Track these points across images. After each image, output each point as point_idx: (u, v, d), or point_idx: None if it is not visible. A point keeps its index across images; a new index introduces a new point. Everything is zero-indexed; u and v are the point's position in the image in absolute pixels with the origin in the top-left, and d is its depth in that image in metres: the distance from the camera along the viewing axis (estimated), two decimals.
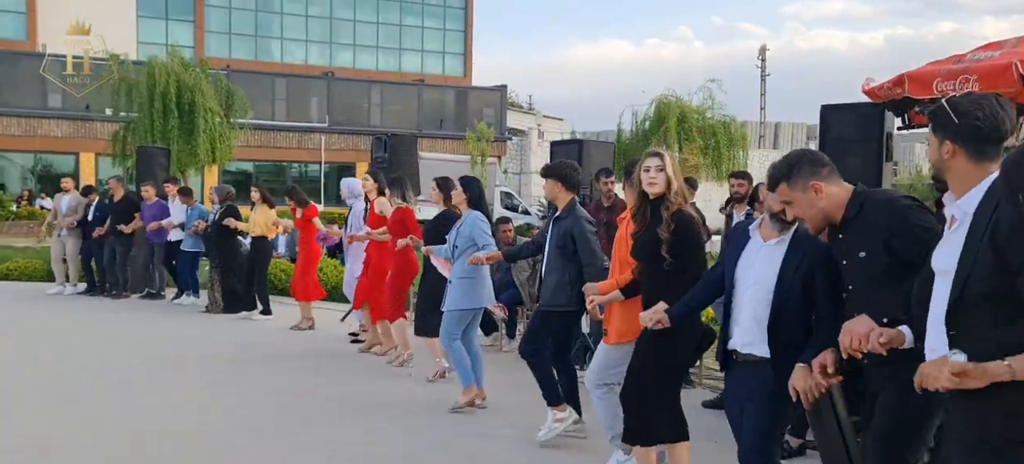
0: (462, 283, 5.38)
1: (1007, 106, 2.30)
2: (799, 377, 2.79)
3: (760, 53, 42.38)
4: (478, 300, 5.48)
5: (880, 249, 2.62)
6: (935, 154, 2.32)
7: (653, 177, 3.63)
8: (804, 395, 2.77)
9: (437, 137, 33.13)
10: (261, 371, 6.77)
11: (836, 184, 2.77)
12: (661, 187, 3.61)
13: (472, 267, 5.29)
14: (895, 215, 2.64)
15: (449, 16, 38.77)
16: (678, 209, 3.60)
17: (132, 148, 19.56)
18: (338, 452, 4.67)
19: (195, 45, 32.96)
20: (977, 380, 1.97)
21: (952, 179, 2.28)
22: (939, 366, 2.03)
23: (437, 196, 6.08)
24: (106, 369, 6.72)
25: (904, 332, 2.42)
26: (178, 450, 4.65)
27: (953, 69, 4.56)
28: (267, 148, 30.93)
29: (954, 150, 2.24)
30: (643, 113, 26.30)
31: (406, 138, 10.12)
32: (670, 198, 3.60)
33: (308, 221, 8.65)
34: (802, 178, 2.77)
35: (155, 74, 20.40)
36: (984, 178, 2.22)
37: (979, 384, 1.98)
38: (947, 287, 2.15)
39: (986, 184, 2.20)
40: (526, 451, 4.72)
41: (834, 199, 2.75)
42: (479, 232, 5.34)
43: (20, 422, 5.15)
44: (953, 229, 2.24)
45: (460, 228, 5.45)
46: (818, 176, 2.76)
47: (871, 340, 2.39)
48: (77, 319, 9.31)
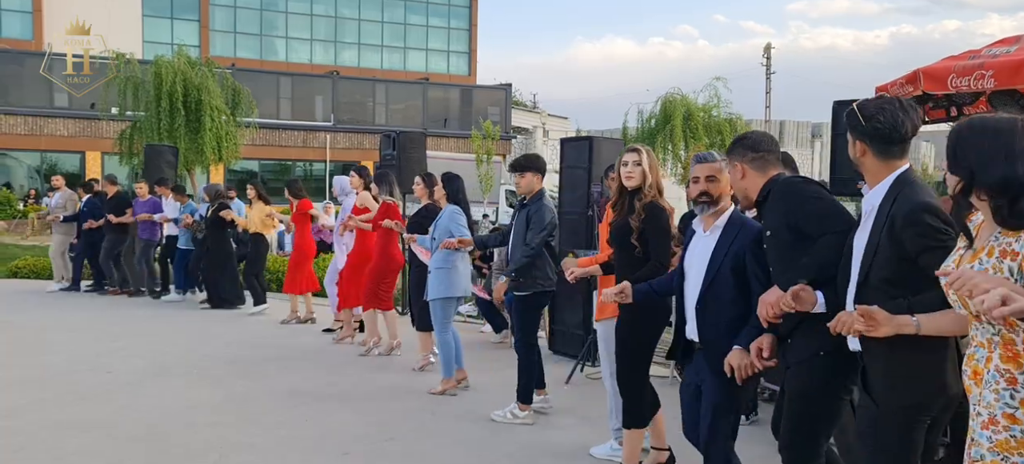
0: (440, 272, 5.69)
1: (910, 109, 2.51)
2: (734, 355, 3.00)
3: (765, 51, 42.28)
4: (458, 288, 5.77)
5: (782, 226, 2.87)
6: (851, 151, 2.57)
7: (630, 171, 3.90)
8: (738, 372, 2.99)
9: (442, 136, 33.12)
10: (269, 366, 6.78)
11: (761, 172, 3.03)
12: (637, 180, 3.89)
13: (449, 257, 5.66)
14: (790, 195, 2.88)
15: (454, 15, 38.74)
16: (651, 200, 3.86)
17: (139, 147, 19.59)
18: (352, 449, 4.69)
19: (200, 44, 32.99)
20: (885, 326, 2.23)
21: (865, 174, 2.55)
22: (849, 315, 2.30)
23: (421, 191, 6.44)
24: (109, 367, 6.73)
25: (817, 297, 2.66)
26: (190, 444, 4.66)
27: (968, 65, 4.54)
28: (272, 147, 30.98)
29: (864, 149, 2.51)
30: (648, 111, 26.30)
31: (415, 136, 10.07)
32: (644, 190, 3.88)
33: (303, 214, 8.80)
34: (733, 157, 3.09)
35: (162, 73, 20.43)
36: (889, 174, 2.47)
37: (887, 330, 2.24)
38: (856, 267, 2.47)
39: (891, 180, 2.46)
40: (543, 441, 4.74)
41: (752, 183, 3.04)
42: (455, 224, 5.68)
43: (24, 421, 5.17)
44: (864, 220, 2.52)
45: (438, 220, 5.78)
46: (746, 160, 3.05)
47: (780, 304, 2.66)
48: (72, 317, 9.33)
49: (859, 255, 2.46)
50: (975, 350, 2.06)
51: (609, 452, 4.48)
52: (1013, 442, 1.93)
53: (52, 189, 12.24)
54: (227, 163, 23.10)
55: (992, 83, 4.27)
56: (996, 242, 2.01)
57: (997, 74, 4.27)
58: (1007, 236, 1.99)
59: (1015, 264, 1.95)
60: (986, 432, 1.97)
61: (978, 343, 2.05)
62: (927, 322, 2.22)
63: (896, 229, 2.34)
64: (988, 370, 2.00)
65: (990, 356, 2.01)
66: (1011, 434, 1.93)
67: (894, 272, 2.35)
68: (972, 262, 2.05)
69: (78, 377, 6.29)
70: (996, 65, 4.35)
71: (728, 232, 3.21)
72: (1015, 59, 4.33)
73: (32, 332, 8.33)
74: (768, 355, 2.91)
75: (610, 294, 3.65)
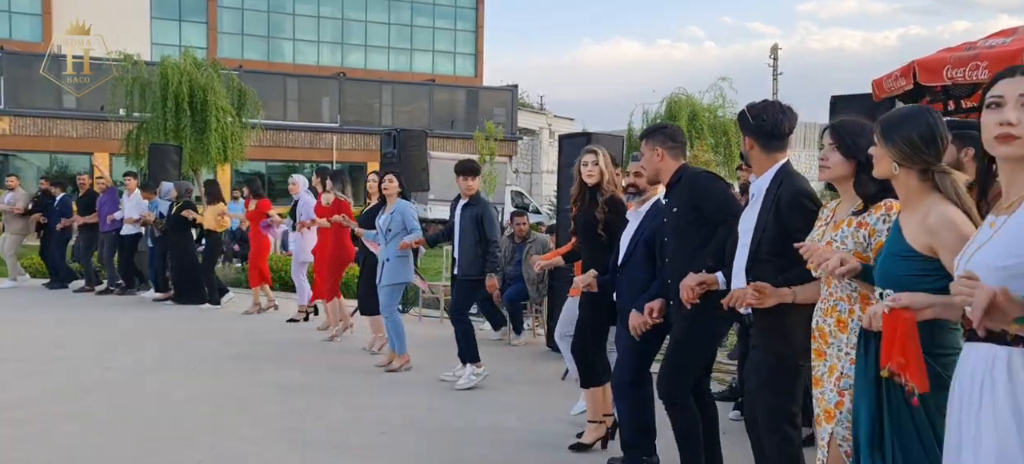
0: (396, 261, 6.31)
1: (788, 110, 3.04)
2: (632, 316, 3.69)
3: (772, 52, 42.10)
4: (407, 275, 6.48)
5: (687, 207, 3.49)
6: (743, 146, 3.13)
7: (590, 170, 4.35)
8: (633, 330, 3.68)
9: (448, 137, 33.14)
10: (265, 361, 6.81)
11: (675, 159, 3.65)
12: (596, 178, 4.34)
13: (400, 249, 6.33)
14: (698, 184, 3.53)
15: (460, 16, 38.76)
16: (611, 195, 4.30)
17: (145, 148, 19.68)
18: (348, 438, 4.69)
19: (208, 46, 33.11)
20: (771, 298, 2.74)
21: (753, 164, 3.06)
22: (742, 291, 2.81)
23: (373, 188, 7.16)
24: (108, 362, 6.77)
25: (718, 278, 3.21)
26: (185, 436, 4.68)
27: (964, 56, 4.50)
28: (279, 148, 31.04)
29: (752, 143, 3.03)
30: (654, 111, 26.27)
31: (416, 134, 10.11)
32: (603, 186, 4.32)
33: (261, 213, 9.31)
34: (654, 141, 3.67)
35: (168, 74, 20.52)
36: (773, 165, 2.99)
37: (773, 302, 2.74)
38: (746, 245, 2.96)
39: (775, 170, 2.97)
40: (537, 437, 4.75)
41: (667, 166, 3.64)
42: (410, 217, 6.35)
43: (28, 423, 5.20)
44: (752, 203, 3.02)
45: (393, 214, 6.36)
46: (665, 146, 3.64)
47: (696, 290, 3.21)
48: (73, 315, 9.38)
49: (749, 232, 2.95)
50: (836, 303, 2.55)
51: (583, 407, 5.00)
52: None
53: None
54: (233, 164, 23.18)
55: (986, 74, 4.23)
56: (853, 215, 2.58)
57: (992, 65, 4.23)
58: (860, 213, 2.56)
59: (863, 233, 2.53)
60: (852, 366, 2.44)
61: (838, 298, 2.56)
62: (801, 292, 2.75)
63: (781, 211, 2.86)
64: (852, 319, 2.50)
65: (852, 308, 2.52)
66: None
67: (780, 247, 2.81)
68: (836, 230, 2.60)
69: (78, 371, 6.33)
70: (991, 56, 4.31)
71: (649, 215, 3.90)
72: (1010, 49, 4.29)
73: (34, 328, 8.38)
74: (657, 315, 3.61)
75: (581, 282, 4.27)
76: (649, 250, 3.79)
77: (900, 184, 2.30)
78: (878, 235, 2.49)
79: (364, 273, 7.29)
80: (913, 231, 2.23)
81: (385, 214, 6.44)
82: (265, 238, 9.62)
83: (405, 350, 6.48)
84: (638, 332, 3.67)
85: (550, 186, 27.90)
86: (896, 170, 2.28)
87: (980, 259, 1.86)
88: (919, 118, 2.28)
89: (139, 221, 10.54)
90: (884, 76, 5.10)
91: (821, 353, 2.59)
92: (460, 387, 5.83)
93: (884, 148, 2.30)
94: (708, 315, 3.29)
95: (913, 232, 2.23)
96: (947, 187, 2.24)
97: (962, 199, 2.22)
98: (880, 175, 2.35)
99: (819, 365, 2.60)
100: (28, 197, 11.87)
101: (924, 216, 2.21)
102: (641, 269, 3.80)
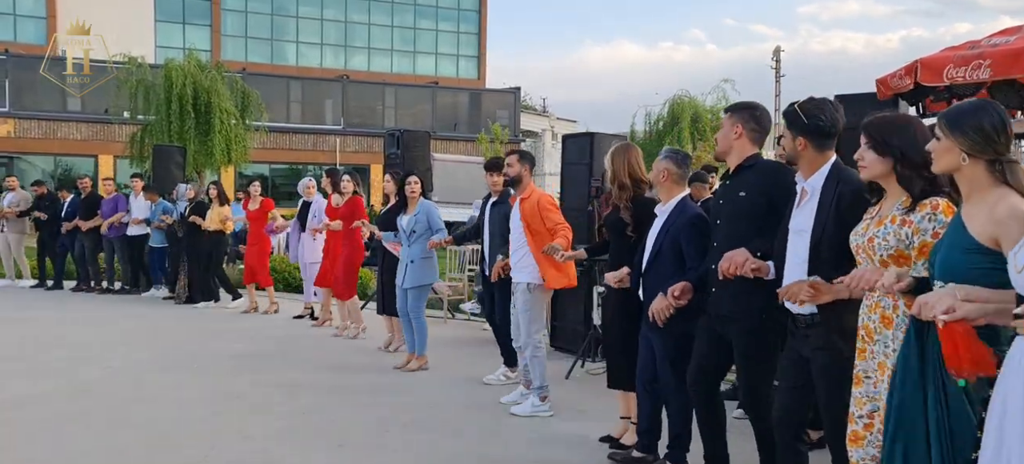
0: (421, 262, 6.29)
1: (840, 108, 3.03)
2: (656, 301, 3.71)
3: (774, 54, 42.03)
4: (433, 276, 6.48)
5: (756, 192, 3.40)
6: (790, 146, 3.05)
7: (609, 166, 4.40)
8: (657, 314, 3.70)
9: (451, 139, 33.15)
10: (269, 361, 6.81)
11: (753, 143, 3.51)
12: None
13: (429, 248, 6.31)
14: (776, 174, 3.43)
15: (463, 19, 38.79)
16: (636, 193, 4.34)
17: (149, 150, 19.73)
18: (348, 436, 4.69)
19: (212, 49, 33.18)
20: (827, 294, 2.73)
21: (803, 164, 3.01)
22: (800, 285, 2.79)
23: (391, 187, 7.20)
24: (110, 362, 6.78)
25: (770, 266, 3.16)
26: (187, 434, 4.69)
27: (966, 54, 4.49)
28: (283, 150, 31.08)
29: (805, 143, 2.99)
30: (656, 113, 26.26)
31: (419, 135, 10.12)
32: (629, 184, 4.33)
33: (263, 213, 9.45)
34: (738, 117, 3.53)
35: (172, 76, 20.58)
36: (825, 163, 2.97)
37: (829, 298, 2.74)
38: (804, 243, 2.92)
39: (828, 167, 2.96)
40: (540, 437, 4.75)
41: (742, 147, 3.52)
42: (436, 218, 6.34)
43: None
44: (805, 201, 2.98)
45: (417, 215, 6.32)
46: (747, 126, 3.50)
47: (745, 267, 3.12)
48: (74, 314, 9.40)
49: (806, 232, 2.93)
50: (880, 299, 2.56)
51: (531, 409, 5.18)
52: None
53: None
54: (237, 166, 23.22)
55: (989, 73, 4.22)
56: (896, 212, 2.58)
57: (994, 64, 4.22)
58: (906, 211, 2.55)
59: (907, 232, 2.52)
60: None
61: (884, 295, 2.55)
62: (853, 284, 2.67)
63: (842, 209, 2.85)
64: (897, 315, 2.53)
65: (896, 304, 2.53)
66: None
67: (839, 242, 2.78)
68: (879, 227, 2.61)
69: (79, 371, 6.34)
70: (995, 54, 4.30)
71: (672, 214, 3.92)
72: (1014, 48, 4.28)
73: (36, 327, 8.40)
74: (680, 296, 3.59)
75: (612, 278, 4.26)
76: (676, 248, 3.80)
77: (965, 177, 2.28)
78: (922, 234, 2.48)
79: (383, 274, 7.26)
80: (980, 223, 2.20)
81: (408, 215, 6.36)
82: (266, 240, 9.75)
83: (425, 351, 6.46)
84: (662, 317, 3.65)
85: (553, 188, 27.90)
86: (965, 161, 2.25)
87: None
88: (989, 109, 2.29)
89: (148, 222, 10.63)
90: (888, 75, 5.09)
91: (862, 352, 2.60)
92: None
93: (952, 139, 2.26)
94: (764, 324, 3.26)
95: (980, 224, 2.20)
96: (1018, 178, 2.23)
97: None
98: (944, 168, 2.32)
99: (859, 363, 2.60)
100: (26, 198, 11.97)
101: (992, 207, 2.19)
102: (669, 266, 3.79)
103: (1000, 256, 2.13)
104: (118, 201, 11.16)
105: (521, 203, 5.30)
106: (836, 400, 2.79)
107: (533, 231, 5.13)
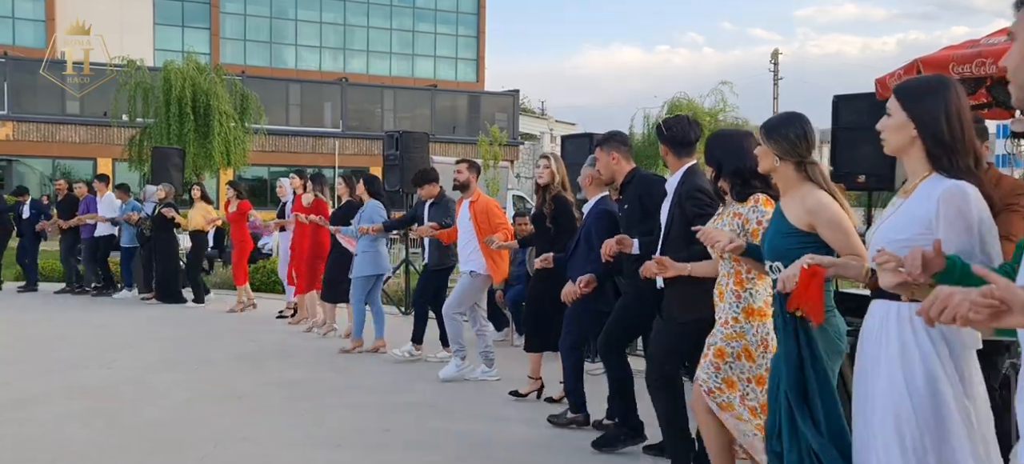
0: (365, 255, 7.00)
1: (695, 124, 3.92)
2: (566, 287, 4.52)
3: (772, 57, 42.08)
4: (379, 267, 7.13)
5: (636, 200, 4.15)
6: (606, 169, 4.28)
7: (541, 172, 5.16)
8: (565, 298, 4.54)
9: (450, 142, 33.15)
10: (268, 362, 6.80)
11: (628, 161, 4.34)
12: (547, 178, 5.14)
13: (373, 241, 7.02)
14: (647, 183, 4.20)
15: (462, 22, 38.83)
16: (556, 193, 5.12)
17: (148, 152, 19.71)
18: (348, 438, 4.68)
19: (211, 52, 33.18)
20: (670, 270, 3.46)
21: (669, 167, 3.81)
22: (649, 262, 3.53)
23: (343, 189, 7.85)
24: (111, 363, 6.76)
25: (635, 243, 3.97)
26: (187, 435, 4.67)
27: (967, 53, 4.49)
28: (282, 153, 31.08)
29: (666, 150, 3.82)
30: (655, 115, 26.28)
31: (418, 136, 10.11)
32: (553, 186, 5.14)
33: (242, 214, 9.60)
34: (610, 147, 4.33)
35: (171, 79, 20.57)
36: (681, 167, 3.75)
37: (671, 273, 3.46)
38: (662, 229, 3.74)
39: (681, 172, 3.73)
40: (539, 434, 4.75)
41: (621, 168, 4.33)
42: (378, 216, 7.03)
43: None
44: (669, 195, 3.74)
45: (363, 213, 7.08)
46: (619, 151, 4.31)
47: (611, 248, 3.99)
48: (74, 315, 9.39)
49: (664, 220, 3.73)
50: (719, 279, 3.26)
51: (454, 371, 6.00)
52: (734, 333, 3.20)
53: None
54: (236, 168, 23.20)
55: (992, 69, 4.22)
56: (731, 208, 3.28)
57: (996, 61, 4.22)
58: (737, 205, 3.26)
59: (738, 222, 3.21)
60: (724, 329, 3.22)
61: (722, 274, 3.25)
62: (694, 268, 3.44)
63: (682, 202, 3.63)
64: (726, 290, 3.22)
65: (728, 282, 3.22)
66: (734, 329, 3.20)
67: (683, 230, 3.50)
68: (718, 221, 3.27)
69: (80, 371, 6.33)
70: (994, 52, 4.29)
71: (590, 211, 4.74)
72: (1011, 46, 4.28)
73: (35, 329, 8.39)
74: (585, 286, 4.41)
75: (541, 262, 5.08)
76: (589, 241, 4.55)
77: (780, 175, 2.83)
78: (750, 223, 3.16)
79: (330, 263, 7.82)
80: (795, 212, 2.75)
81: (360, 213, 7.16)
82: (248, 240, 9.96)
83: (360, 335, 7.07)
84: (568, 299, 4.50)
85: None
86: (777, 163, 2.81)
87: (883, 232, 2.30)
88: (795, 121, 2.83)
89: (117, 221, 10.67)
90: (888, 75, 5.08)
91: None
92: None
93: (767, 146, 2.83)
94: (645, 288, 3.92)
95: (795, 213, 2.75)
96: (817, 176, 2.79)
97: (828, 185, 2.79)
98: (765, 169, 2.88)
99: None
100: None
101: (802, 200, 2.75)
102: (581, 257, 4.58)
103: (812, 236, 2.70)
104: (89, 203, 11.18)
105: (471, 205, 6.01)
106: (664, 346, 3.68)
107: (481, 229, 5.89)
